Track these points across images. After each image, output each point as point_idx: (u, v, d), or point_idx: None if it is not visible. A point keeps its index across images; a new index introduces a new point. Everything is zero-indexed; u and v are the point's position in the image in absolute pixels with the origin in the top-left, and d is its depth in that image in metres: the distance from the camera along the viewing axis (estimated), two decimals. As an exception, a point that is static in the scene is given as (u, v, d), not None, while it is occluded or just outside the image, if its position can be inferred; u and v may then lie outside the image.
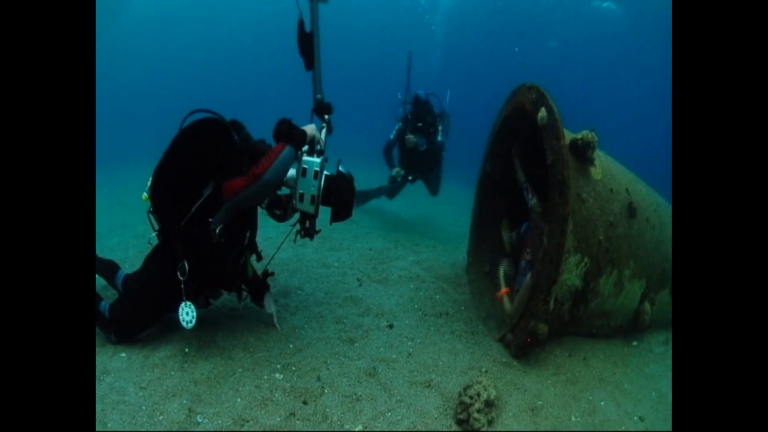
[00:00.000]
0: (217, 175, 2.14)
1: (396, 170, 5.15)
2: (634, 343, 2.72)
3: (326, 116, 2.49)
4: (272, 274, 2.81)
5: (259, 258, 2.65)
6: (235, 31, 22.13)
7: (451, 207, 7.01)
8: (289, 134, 2.12)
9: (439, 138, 5.01)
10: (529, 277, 2.56)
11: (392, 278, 3.66)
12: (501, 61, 18.08)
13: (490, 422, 1.93)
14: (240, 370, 2.18)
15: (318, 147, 2.29)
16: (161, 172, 2.21)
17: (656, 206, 2.76)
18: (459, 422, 1.93)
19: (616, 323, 2.67)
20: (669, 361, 2.52)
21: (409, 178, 5.43)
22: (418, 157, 5.12)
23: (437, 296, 3.39)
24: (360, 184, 2.91)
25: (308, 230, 2.34)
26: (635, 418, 2.07)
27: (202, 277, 2.29)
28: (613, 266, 2.45)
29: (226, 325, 2.60)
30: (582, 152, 2.33)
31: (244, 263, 2.59)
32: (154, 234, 2.32)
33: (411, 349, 2.54)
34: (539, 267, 2.33)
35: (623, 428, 1.99)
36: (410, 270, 3.83)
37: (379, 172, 6.29)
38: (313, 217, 2.27)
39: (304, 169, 2.13)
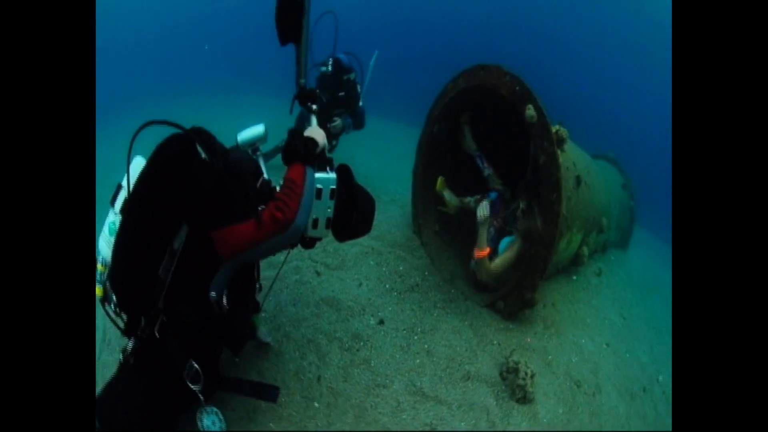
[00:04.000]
0: (189, 215, 1.56)
1: None
2: (574, 277, 3.54)
3: (313, 106, 1.91)
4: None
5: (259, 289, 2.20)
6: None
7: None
8: (306, 153, 1.62)
9: (361, 104, 4.46)
10: (512, 247, 2.90)
11: (349, 259, 3.50)
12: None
13: (533, 387, 2.39)
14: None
15: (327, 155, 1.80)
16: (123, 233, 1.54)
17: (588, 167, 3.34)
18: (518, 400, 2.33)
19: (561, 266, 3.37)
20: (605, 290, 3.41)
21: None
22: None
23: (400, 267, 3.47)
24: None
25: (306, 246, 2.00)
26: (604, 345, 2.86)
27: (216, 363, 1.79)
28: (568, 229, 2.98)
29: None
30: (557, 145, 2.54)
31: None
32: (129, 342, 1.63)
33: (426, 345, 2.67)
34: (533, 249, 2.66)
35: (601, 357, 2.74)
36: (361, 243, 3.70)
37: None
38: (319, 239, 1.92)
39: (319, 190, 1.67)
